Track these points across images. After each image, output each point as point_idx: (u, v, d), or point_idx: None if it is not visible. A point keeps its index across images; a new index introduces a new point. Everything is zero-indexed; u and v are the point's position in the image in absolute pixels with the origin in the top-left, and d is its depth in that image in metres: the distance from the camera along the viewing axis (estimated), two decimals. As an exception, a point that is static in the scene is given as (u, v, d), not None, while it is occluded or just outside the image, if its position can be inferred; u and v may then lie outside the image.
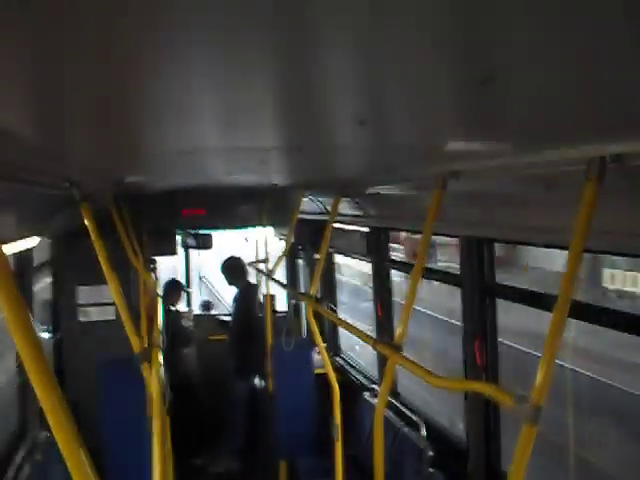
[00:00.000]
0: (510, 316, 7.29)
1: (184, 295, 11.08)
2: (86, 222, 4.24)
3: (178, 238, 10.25)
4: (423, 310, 18.87)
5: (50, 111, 2.12)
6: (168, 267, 12.97)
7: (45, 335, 9.07)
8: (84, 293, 8.37)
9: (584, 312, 4.09)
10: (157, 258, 8.99)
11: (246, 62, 1.52)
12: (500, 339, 5.44)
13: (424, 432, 6.43)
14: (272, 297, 9.38)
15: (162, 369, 4.61)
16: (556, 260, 14.10)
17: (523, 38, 1.29)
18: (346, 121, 2.37)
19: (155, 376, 4.11)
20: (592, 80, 1.69)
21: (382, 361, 7.52)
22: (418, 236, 7.35)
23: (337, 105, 2.15)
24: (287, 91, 1.95)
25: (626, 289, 16.52)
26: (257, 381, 9.39)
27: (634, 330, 3.80)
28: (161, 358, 4.21)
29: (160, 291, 9.38)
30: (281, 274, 10.53)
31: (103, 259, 4.30)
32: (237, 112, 2.25)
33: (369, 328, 8.59)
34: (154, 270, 8.40)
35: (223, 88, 1.85)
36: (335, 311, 9.75)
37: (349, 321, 5.55)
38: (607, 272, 17.06)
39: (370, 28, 1.25)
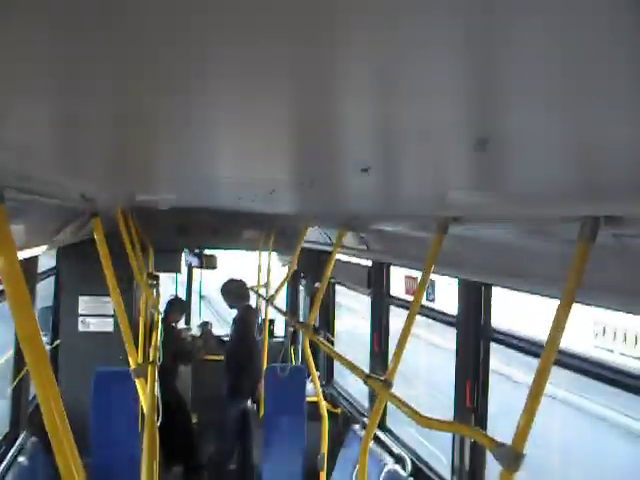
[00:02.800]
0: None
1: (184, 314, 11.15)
2: (95, 235, 4.34)
3: (183, 256, 10.36)
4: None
5: (70, 131, 2.21)
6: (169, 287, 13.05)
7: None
8: (85, 303, 8.46)
9: (570, 362, 4.18)
10: (160, 275, 9.08)
11: (264, 103, 1.61)
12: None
13: (409, 468, 6.48)
14: (271, 322, 9.46)
15: (157, 385, 4.69)
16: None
17: (519, 105, 1.38)
18: (351, 167, 2.47)
19: (149, 392, 4.19)
20: (586, 146, 1.79)
21: (372, 394, 7.58)
22: (417, 274, 7.46)
23: (344, 151, 2.24)
24: (300, 133, 2.03)
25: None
26: (249, 404, 9.43)
27: (613, 383, 3.89)
28: (156, 375, 4.29)
29: (161, 308, 9.46)
30: (281, 300, 10.60)
31: (109, 272, 4.39)
32: (250, 146, 2.33)
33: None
34: (156, 286, 8.49)
35: (239, 122, 1.94)
36: (332, 342, 9.81)
37: (344, 354, 5.63)
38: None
39: (381, 88, 1.35)
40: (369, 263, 7.96)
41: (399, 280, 7.71)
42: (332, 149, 2.17)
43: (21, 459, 6.24)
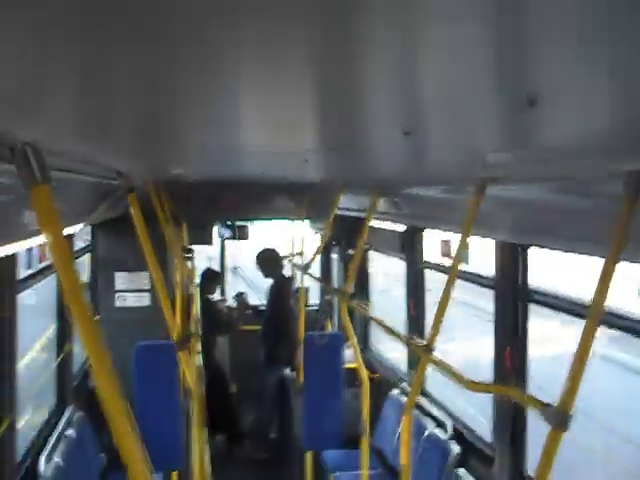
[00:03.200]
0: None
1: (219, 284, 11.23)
2: (132, 211, 4.35)
3: (215, 228, 10.39)
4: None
5: (105, 107, 2.21)
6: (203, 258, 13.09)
7: None
8: (121, 279, 8.54)
9: (616, 321, 4.13)
10: (195, 247, 9.12)
11: (293, 65, 1.58)
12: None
13: (451, 431, 6.49)
14: (306, 290, 9.48)
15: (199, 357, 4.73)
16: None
17: (564, 58, 1.34)
18: (391, 130, 2.43)
19: (193, 364, 4.22)
20: (629, 95, 1.75)
21: (412, 359, 7.58)
22: (451, 237, 7.42)
23: (381, 114, 2.21)
24: (333, 96, 2.00)
25: None
26: (287, 373, 9.50)
27: None
28: (199, 346, 4.33)
29: (197, 280, 9.51)
30: (316, 269, 10.62)
31: (147, 247, 4.41)
32: (281, 113, 2.31)
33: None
34: (191, 259, 8.53)
35: (268, 89, 1.92)
36: (367, 308, 9.83)
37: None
38: None
39: (416, 42, 1.31)
40: (402, 228, 7.91)
41: (433, 244, 7.66)
42: (368, 112, 2.14)
43: (69, 432, 6.37)
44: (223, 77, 1.72)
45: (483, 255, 5.71)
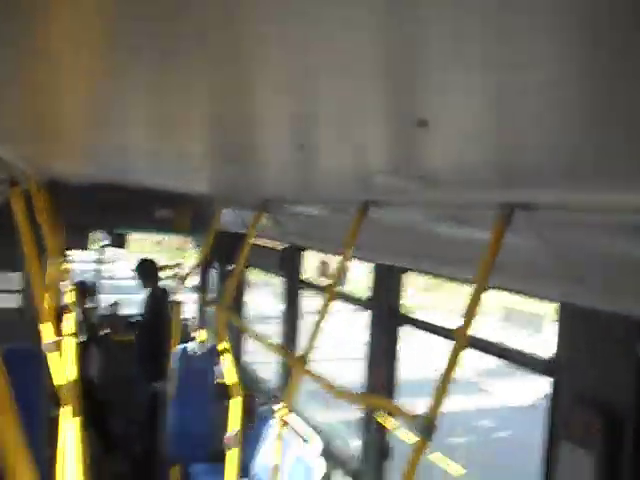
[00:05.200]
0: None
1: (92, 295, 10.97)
2: (14, 205, 4.23)
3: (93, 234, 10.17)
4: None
5: None
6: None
7: None
8: None
9: (479, 344, 4.36)
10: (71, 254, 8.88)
11: (181, 68, 1.60)
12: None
13: (319, 448, 6.60)
14: (180, 303, 9.41)
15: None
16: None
17: (445, 87, 1.43)
18: (283, 144, 2.50)
19: (64, 366, 4.13)
20: (501, 131, 1.89)
21: (285, 375, 7.66)
22: (329, 258, 7.55)
23: (275, 125, 2.26)
24: (220, 105, 2.01)
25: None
26: (159, 385, 9.37)
27: (524, 365, 4.08)
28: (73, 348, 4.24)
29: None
30: (193, 282, 10.55)
31: (28, 245, 4.30)
32: (168, 115, 2.29)
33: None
34: (67, 261, 8.30)
35: (156, 89, 1.92)
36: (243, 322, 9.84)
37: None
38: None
39: (305, 67, 1.38)
40: (282, 246, 8.01)
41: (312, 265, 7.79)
42: (261, 121, 2.17)
43: None
44: (107, 74, 1.72)
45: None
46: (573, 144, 1.85)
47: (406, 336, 5.61)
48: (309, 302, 8.81)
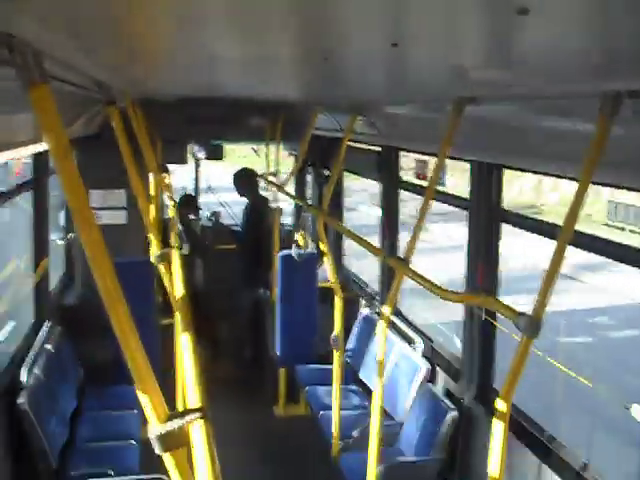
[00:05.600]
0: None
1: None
2: (114, 124, 4.32)
3: (190, 147, 10.32)
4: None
5: (85, 14, 2.17)
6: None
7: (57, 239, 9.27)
8: (97, 197, 8.49)
9: (585, 241, 4.25)
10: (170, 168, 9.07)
11: None
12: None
13: (422, 347, 6.68)
14: (281, 210, 9.53)
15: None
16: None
17: None
18: (378, 42, 2.43)
19: (174, 276, 4.27)
20: (609, 17, 1.78)
21: (385, 277, 7.72)
22: (427, 158, 7.45)
23: (368, 22, 2.18)
24: (315, 5, 1.96)
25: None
26: (262, 292, 9.60)
27: (631, 262, 3.97)
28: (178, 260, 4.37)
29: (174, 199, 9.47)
30: (290, 189, 10.64)
31: (129, 162, 4.40)
32: (254, 16, 2.25)
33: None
34: (168, 176, 8.50)
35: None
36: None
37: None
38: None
39: None
40: (378, 149, 7.93)
41: (408, 164, 7.72)
42: (353, 18, 2.10)
43: (48, 346, 6.47)
44: None
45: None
46: None
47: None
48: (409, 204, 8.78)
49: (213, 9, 2.13)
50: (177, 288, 3.79)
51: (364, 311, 8.36)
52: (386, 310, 4.38)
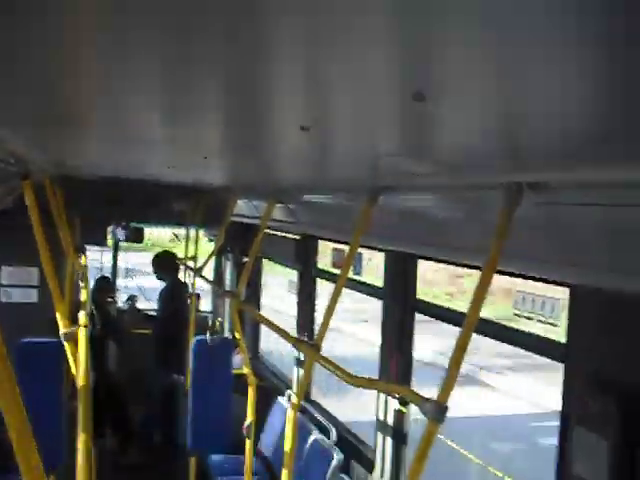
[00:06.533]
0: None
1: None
2: (27, 200, 4.25)
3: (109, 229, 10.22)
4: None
5: (4, 86, 2.18)
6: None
7: None
8: (8, 274, 8.28)
9: (489, 329, 4.35)
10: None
11: (193, 62, 1.61)
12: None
13: (334, 437, 6.61)
14: (198, 295, 9.46)
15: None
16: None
17: (450, 59, 1.42)
18: (290, 125, 2.50)
19: (82, 356, 4.15)
20: (511, 112, 1.87)
21: (300, 364, 7.68)
22: (344, 247, 7.54)
23: (281, 110, 2.26)
24: (232, 92, 2.03)
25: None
26: (177, 377, 9.42)
27: (529, 348, 4.08)
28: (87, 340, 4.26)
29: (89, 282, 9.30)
30: (208, 274, 10.59)
31: (40, 239, 4.31)
32: (180, 105, 2.31)
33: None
34: (84, 257, 8.36)
35: (169, 84, 1.94)
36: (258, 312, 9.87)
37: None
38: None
39: (316, 42, 1.38)
40: (297, 237, 8.02)
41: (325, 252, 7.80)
42: (267, 105, 2.17)
43: None
44: (125, 63, 1.74)
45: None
46: (582, 121, 1.83)
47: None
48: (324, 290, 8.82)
49: (134, 92, 2.16)
50: (81, 371, 3.67)
51: (280, 399, 8.27)
52: (294, 399, 4.35)
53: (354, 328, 22.80)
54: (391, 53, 1.40)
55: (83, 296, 5.57)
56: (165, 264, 10.10)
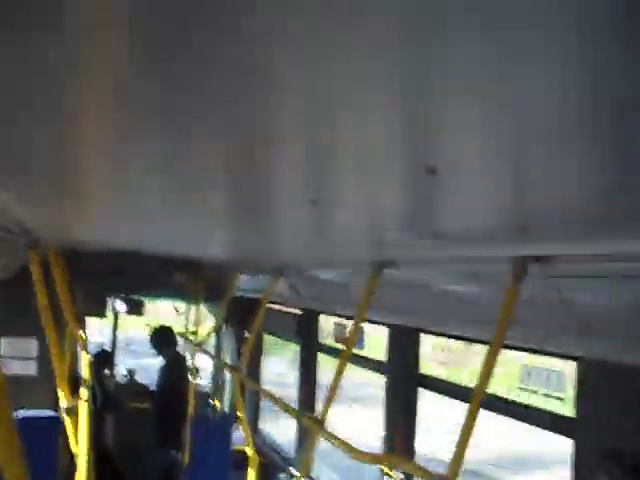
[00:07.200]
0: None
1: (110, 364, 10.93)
2: (32, 269, 4.26)
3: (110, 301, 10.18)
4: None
5: (17, 155, 2.21)
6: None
7: None
8: (7, 345, 8.20)
9: (496, 405, 4.31)
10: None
11: (195, 137, 1.64)
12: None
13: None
14: (197, 370, 9.36)
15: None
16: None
17: (461, 138, 1.45)
18: (297, 201, 2.53)
19: (80, 431, 4.10)
20: (514, 189, 1.91)
21: (303, 440, 7.55)
22: (347, 322, 7.52)
23: (288, 186, 2.29)
24: (238, 169, 2.06)
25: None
26: (175, 453, 9.25)
27: (538, 424, 4.03)
28: (88, 415, 4.22)
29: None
30: (209, 349, 10.50)
31: (45, 311, 4.31)
32: (182, 180, 2.34)
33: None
34: (84, 329, 8.30)
35: (171, 165, 1.97)
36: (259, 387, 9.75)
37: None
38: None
39: (320, 120, 1.41)
40: (298, 311, 8.00)
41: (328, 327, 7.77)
42: (272, 179, 2.20)
43: None
44: (137, 144, 1.77)
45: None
46: (586, 196, 1.86)
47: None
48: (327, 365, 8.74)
49: (138, 168, 2.20)
50: (82, 446, 3.63)
51: (280, 477, 8.11)
52: (303, 469, 4.28)
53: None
54: (405, 132, 1.43)
55: (85, 370, 5.53)
56: (163, 339, 10.00)
